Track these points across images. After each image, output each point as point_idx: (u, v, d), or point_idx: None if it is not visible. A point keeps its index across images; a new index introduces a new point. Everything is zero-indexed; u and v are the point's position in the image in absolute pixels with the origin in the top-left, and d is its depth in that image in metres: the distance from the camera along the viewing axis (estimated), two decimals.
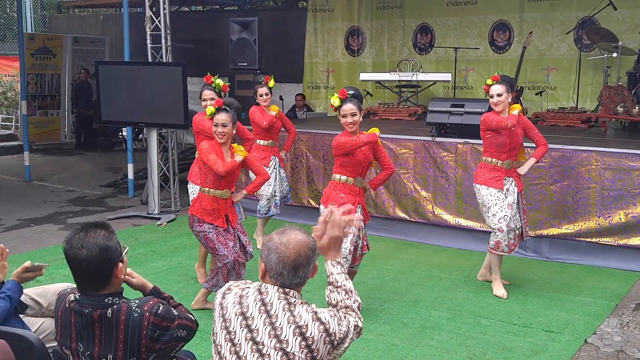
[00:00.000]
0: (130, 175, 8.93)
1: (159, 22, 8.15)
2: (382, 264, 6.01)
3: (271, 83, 6.31)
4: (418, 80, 9.47)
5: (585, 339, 4.37)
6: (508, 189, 5.12)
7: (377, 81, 10.11)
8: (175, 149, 8.46)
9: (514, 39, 9.66)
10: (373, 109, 9.45)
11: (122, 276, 2.42)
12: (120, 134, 12.72)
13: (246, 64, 8.53)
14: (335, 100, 4.59)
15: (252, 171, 4.99)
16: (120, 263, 2.40)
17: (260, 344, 2.15)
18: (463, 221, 6.51)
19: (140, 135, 11.50)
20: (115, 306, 2.32)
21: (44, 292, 3.25)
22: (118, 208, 8.37)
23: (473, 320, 4.72)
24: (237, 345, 2.17)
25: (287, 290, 2.21)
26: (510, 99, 5.06)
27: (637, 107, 7.20)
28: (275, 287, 2.22)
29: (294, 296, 2.22)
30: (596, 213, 5.87)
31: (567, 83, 9.21)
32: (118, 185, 9.65)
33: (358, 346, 4.21)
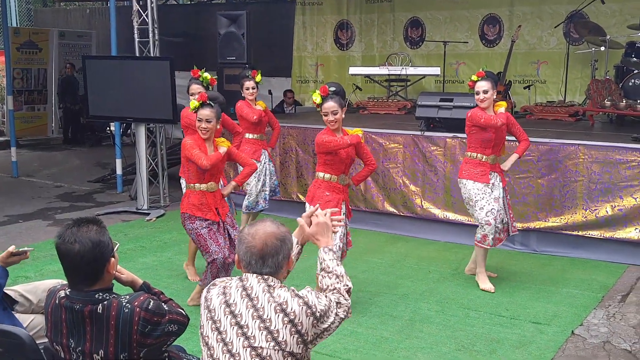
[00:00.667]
0: (119, 171, 8.90)
1: (147, 15, 8.11)
2: (372, 258, 6.04)
3: (258, 78, 6.30)
4: (407, 74, 9.49)
5: (572, 331, 4.42)
6: (493, 184, 5.14)
7: (367, 75, 10.11)
8: (163, 143, 8.43)
9: (504, 32, 9.68)
10: (362, 103, 9.45)
11: (113, 272, 2.43)
12: (108, 129, 12.66)
13: (234, 58, 8.49)
14: (317, 97, 4.57)
15: (238, 163, 4.98)
16: (112, 258, 2.41)
17: (245, 327, 2.21)
18: (451, 215, 6.55)
19: (129, 130, 11.45)
20: (105, 302, 2.32)
21: (33, 289, 3.25)
22: (107, 204, 8.34)
23: (461, 312, 4.76)
24: (224, 333, 2.23)
25: (266, 277, 2.28)
26: (495, 95, 5.07)
27: (624, 101, 7.25)
28: (254, 274, 2.28)
29: (273, 281, 2.29)
30: (583, 206, 5.92)
31: (557, 77, 9.23)
32: (106, 180, 9.61)
33: (348, 339, 4.25)
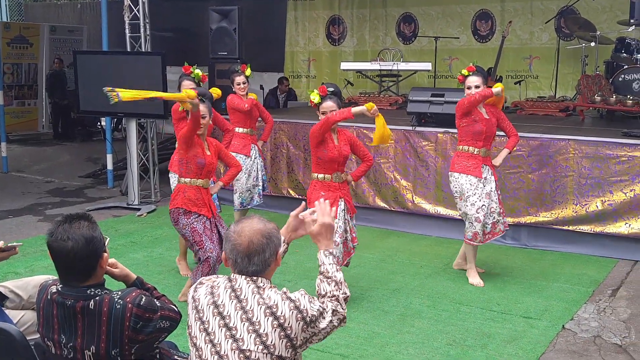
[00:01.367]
0: (110, 166, 8.87)
1: (138, 10, 8.07)
2: (363, 253, 6.04)
3: (247, 72, 6.29)
4: (399, 70, 9.49)
5: (563, 325, 4.45)
6: (486, 177, 5.15)
7: (358, 70, 10.11)
8: (154, 139, 8.41)
9: (496, 28, 9.71)
10: (354, 98, 9.44)
11: (105, 266, 2.43)
12: (98, 123, 12.59)
13: (226, 53, 8.46)
14: (315, 97, 4.61)
15: (226, 163, 5.02)
16: (105, 253, 2.40)
17: (234, 329, 2.17)
18: (442, 210, 6.57)
19: (120, 125, 11.40)
20: (97, 297, 2.32)
21: (24, 285, 3.23)
22: (97, 199, 8.31)
23: (453, 307, 4.78)
24: (212, 334, 2.20)
25: (255, 278, 2.24)
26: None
27: (614, 96, 7.29)
28: (243, 275, 2.25)
29: (262, 282, 2.25)
30: (573, 201, 5.95)
31: (548, 72, 9.28)
32: (97, 175, 9.57)
33: (340, 334, 4.25)
